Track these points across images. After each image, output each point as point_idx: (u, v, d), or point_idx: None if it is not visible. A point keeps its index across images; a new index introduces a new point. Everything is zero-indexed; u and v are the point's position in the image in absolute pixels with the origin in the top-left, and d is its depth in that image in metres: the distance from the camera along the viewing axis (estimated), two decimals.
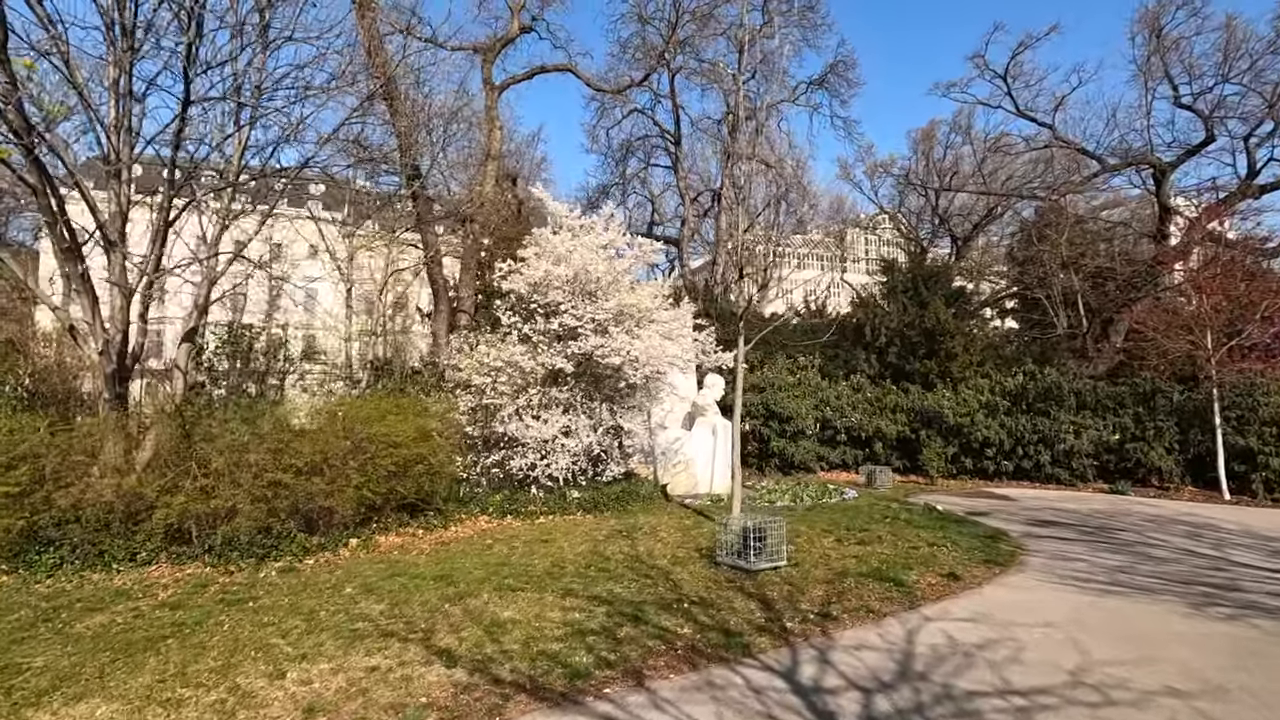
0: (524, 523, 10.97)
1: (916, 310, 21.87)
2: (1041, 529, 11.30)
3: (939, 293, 22.39)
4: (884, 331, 22.45)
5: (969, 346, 20.71)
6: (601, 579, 7.35)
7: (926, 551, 9.09)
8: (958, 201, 35.73)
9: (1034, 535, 10.71)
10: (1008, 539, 10.25)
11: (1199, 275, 16.58)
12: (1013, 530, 11.08)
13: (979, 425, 18.65)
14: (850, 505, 13.14)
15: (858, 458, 20.02)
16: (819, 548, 9.14)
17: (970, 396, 19.31)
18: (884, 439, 19.75)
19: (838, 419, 19.79)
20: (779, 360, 20.46)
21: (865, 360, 22.66)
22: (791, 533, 9.93)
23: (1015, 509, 13.60)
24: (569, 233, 11.63)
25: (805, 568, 8.07)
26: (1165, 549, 9.80)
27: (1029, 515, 12.78)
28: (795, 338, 23.95)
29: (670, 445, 15.46)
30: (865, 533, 10.14)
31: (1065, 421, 18.09)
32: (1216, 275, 16.70)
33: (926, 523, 11.32)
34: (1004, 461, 18.66)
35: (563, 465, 11.91)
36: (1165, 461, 17.27)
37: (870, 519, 11.48)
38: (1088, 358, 22.14)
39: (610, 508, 12.22)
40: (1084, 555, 9.26)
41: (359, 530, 9.06)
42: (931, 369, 20.84)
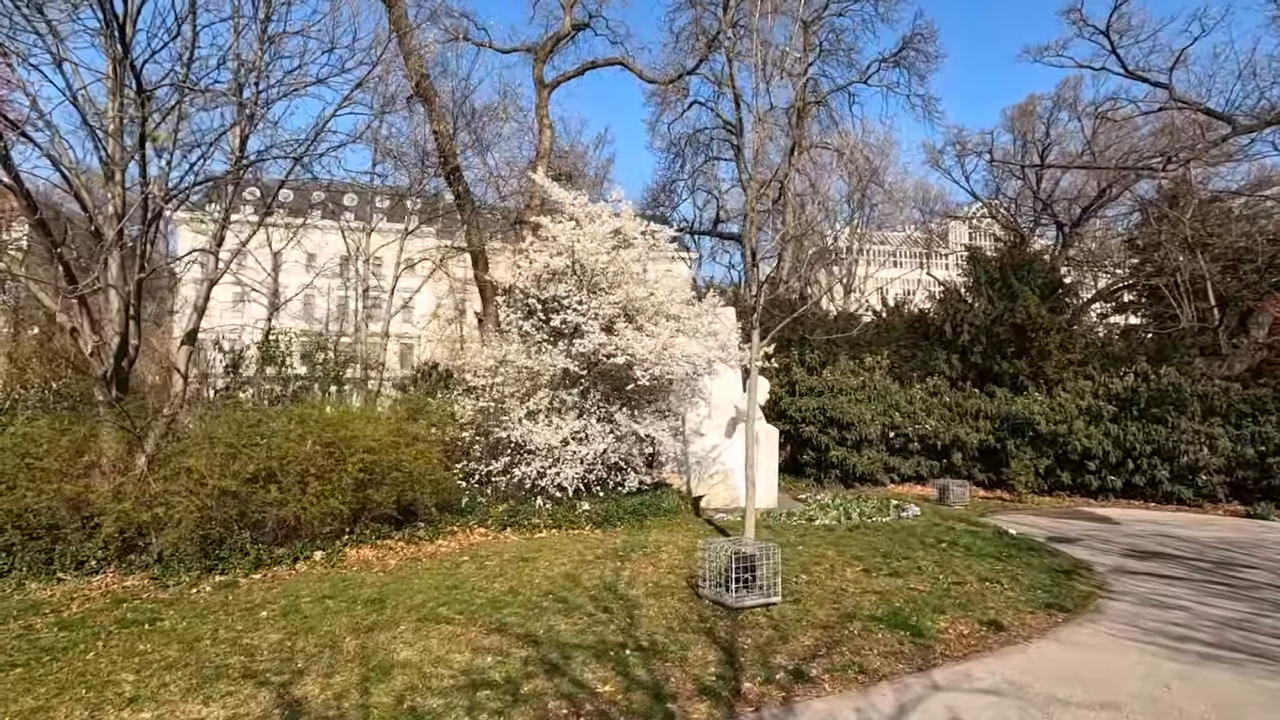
0: (521, 537, 10.08)
1: (1004, 304, 19.36)
2: (1138, 562, 9.18)
3: (1033, 283, 19.74)
4: (967, 328, 20.04)
5: (1067, 344, 18.00)
6: (551, 611, 6.28)
7: (973, 589, 7.40)
8: (1064, 184, 32.06)
9: (1125, 571, 8.66)
10: (1087, 575, 8.30)
11: None
12: (1100, 563, 9.06)
13: (1077, 434, 16.09)
14: (904, 526, 11.38)
15: (933, 469, 17.86)
16: (837, 580, 7.65)
17: (1068, 401, 16.73)
18: (964, 449, 17.50)
19: (909, 426, 17.73)
20: (841, 362, 18.60)
21: (945, 361, 20.31)
22: (813, 558, 8.49)
23: (1112, 535, 11.35)
24: (573, 221, 10.68)
25: (806, 605, 6.65)
26: None
27: (1128, 544, 10.56)
28: (867, 337, 21.92)
29: (707, 454, 14.15)
30: (905, 561, 8.51)
31: (1187, 430, 15.25)
32: None
33: (989, 550, 9.48)
34: (1110, 476, 16.00)
35: (570, 475, 10.93)
36: None
37: (919, 544, 9.76)
38: (1220, 355, 18.79)
39: (625, 522, 11.13)
40: (1187, 600, 7.25)
41: (329, 542, 8.45)
42: (1021, 370, 18.30)
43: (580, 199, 10.77)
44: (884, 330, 22.92)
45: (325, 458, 8.10)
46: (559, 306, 10.56)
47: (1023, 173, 29.75)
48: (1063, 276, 21.78)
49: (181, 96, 10.05)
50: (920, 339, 22.31)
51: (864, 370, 18.50)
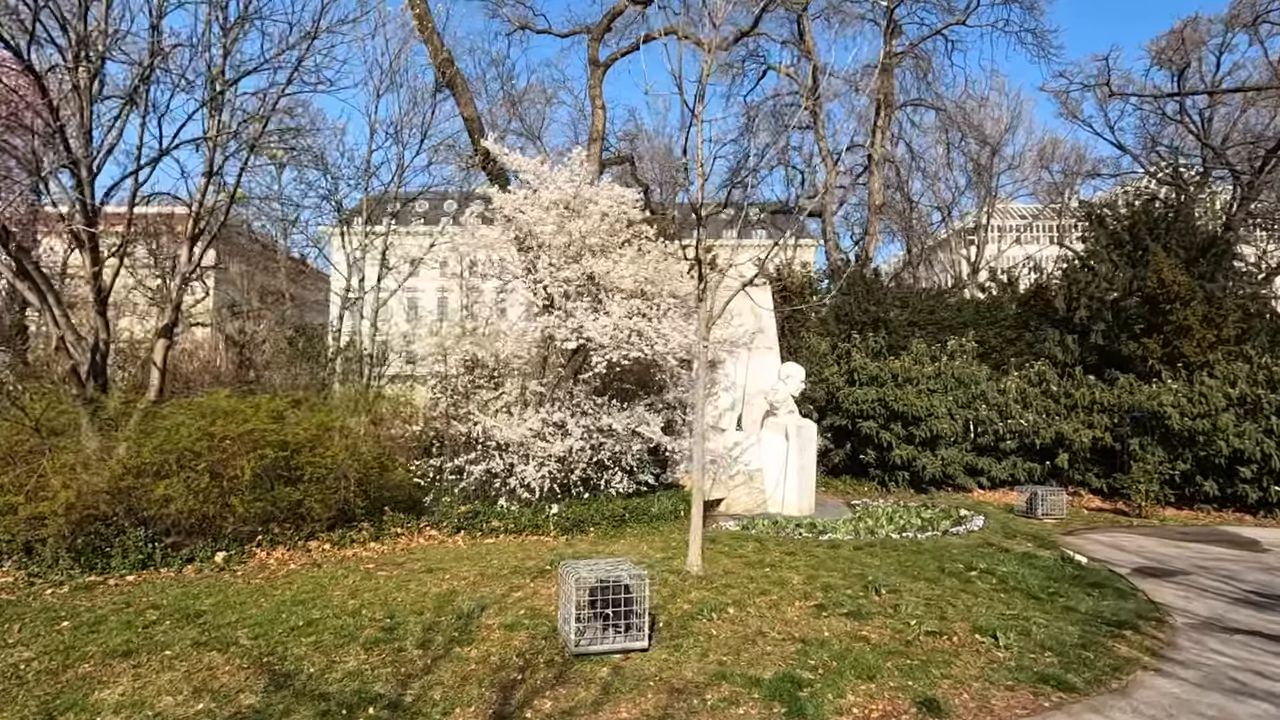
0: (470, 542, 9.10)
1: (1133, 271, 15.68)
2: (1251, 613, 6.48)
3: (1175, 244, 15.81)
4: (1085, 302, 16.48)
5: (1214, 318, 14.10)
6: (358, 643, 5.17)
7: (950, 645, 5.37)
8: (1242, 126, 26.15)
9: (1219, 626, 6.08)
10: (1150, 630, 5.86)
11: None
12: (1187, 612, 6.49)
13: (1225, 431, 12.53)
14: (940, 545, 9.13)
15: (1032, 473, 14.86)
16: (767, 620, 5.89)
17: (1213, 389, 13.08)
18: (1070, 449, 14.33)
19: (1000, 421, 14.84)
20: (915, 346, 15.93)
21: (1058, 343, 16.88)
22: (764, 588, 6.78)
23: (1242, 569, 8.38)
24: (527, 190, 9.48)
25: (681, 655, 5.04)
26: None
27: (1255, 584, 7.66)
28: (964, 318, 18.84)
29: (727, 452, 12.42)
30: (887, 597, 6.52)
31: None
32: None
33: (1030, 585, 7.17)
34: (1275, 487, 12.31)
35: (534, 473, 9.78)
36: None
37: (938, 571, 7.62)
38: None
39: (599, 528, 9.83)
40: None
41: (241, 543, 7.92)
42: (1152, 351, 14.65)
43: (538, 164, 9.54)
44: (988, 309, 19.67)
45: (218, 452, 7.54)
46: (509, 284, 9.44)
47: (1180, 111, 24.44)
48: (1229, 236, 17.33)
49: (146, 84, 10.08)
50: (1032, 318, 18.89)
51: (943, 354, 15.71)
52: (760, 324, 13.61)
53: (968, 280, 26.73)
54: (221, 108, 10.57)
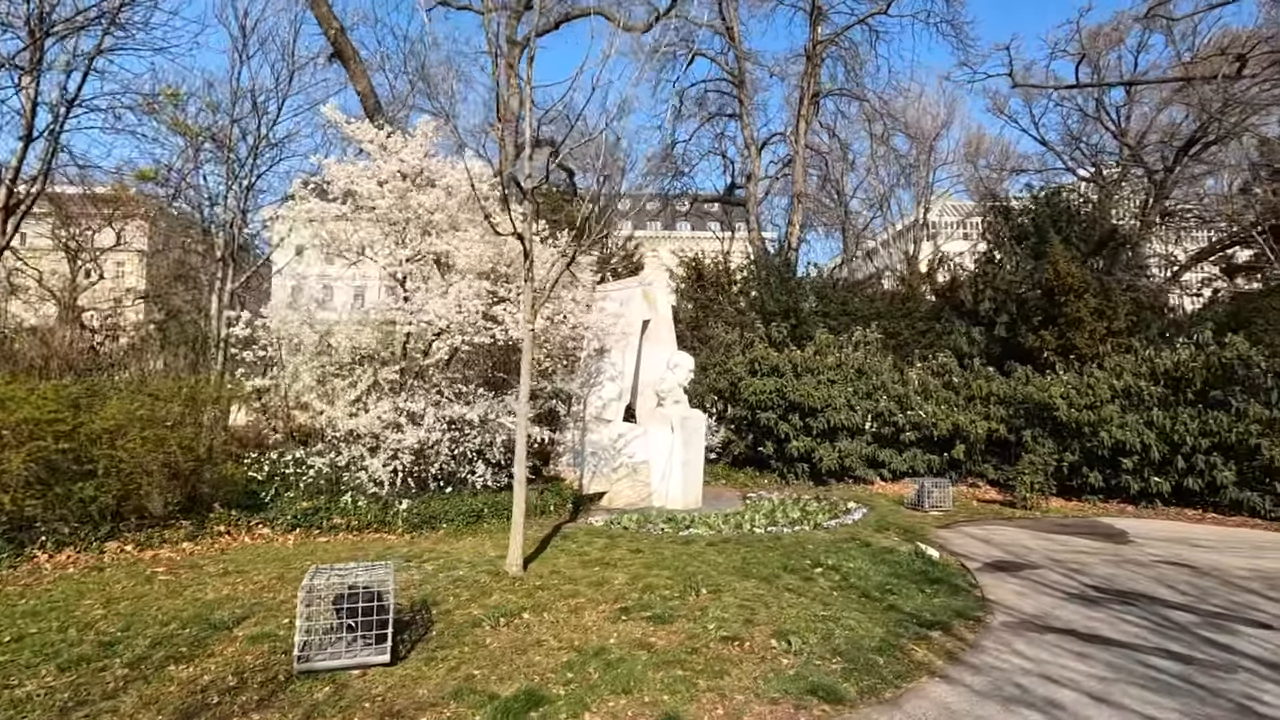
0: (304, 541, 8.41)
1: (1033, 263, 15.69)
2: (1081, 610, 6.24)
3: (1076, 237, 15.88)
4: (989, 294, 16.48)
5: (1105, 310, 14.17)
6: (31, 668, 4.51)
7: (737, 651, 4.96)
8: (1161, 124, 26.73)
9: (1040, 626, 5.81)
10: (962, 631, 5.55)
11: None
12: (1016, 610, 6.23)
13: (1109, 423, 12.55)
14: (797, 539, 8.78)
15: (932, 465, 14.73)
16: (558, 625, 5.40)
17: (1099, 381, 13.11)
18: (967, 440, 14.25)
19: (901, 413, 14.69)
20: (819, 336, 15.68)
21: (964, 335, 16.87)
22: (579, 589, 6.29)
23: (1095, 562, 8.23)
24: (368, 161, 8.77)
25: (429, 669, 4.51)
26: None
27: (1102, 578, 7.49)
28: (876, 309, 18.73)
29: (611, 444, 11.93)
30: (703, 597, 6.11)
31: (1261, 419, 11.43)
32: None
33: (869, 582, 6.86)
34: (1154, 478, 12.38)
35: (380, 466, 9.13)
36: None
37: (781, 568, 7.25)
38: None
39: (454, 524, 9.22)
40: (1085, 690, 4.47)
41: (16, 546, 7.09)
42: (1048, 343, 14.68)
43: (383, 135, 8.82)
44: (902, 301, 19.62)
45: None
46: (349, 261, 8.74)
47: (1099, 109, 24.83)
48: (1126, 231, 17.53)
49: None
50: (944, 310, 18.89)
51: (847, 345, 15.50)
52: (655, 312, 13.17)
53: (886, 271, 26.75)
54: (40, 66, 9.59)
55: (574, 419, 12.41)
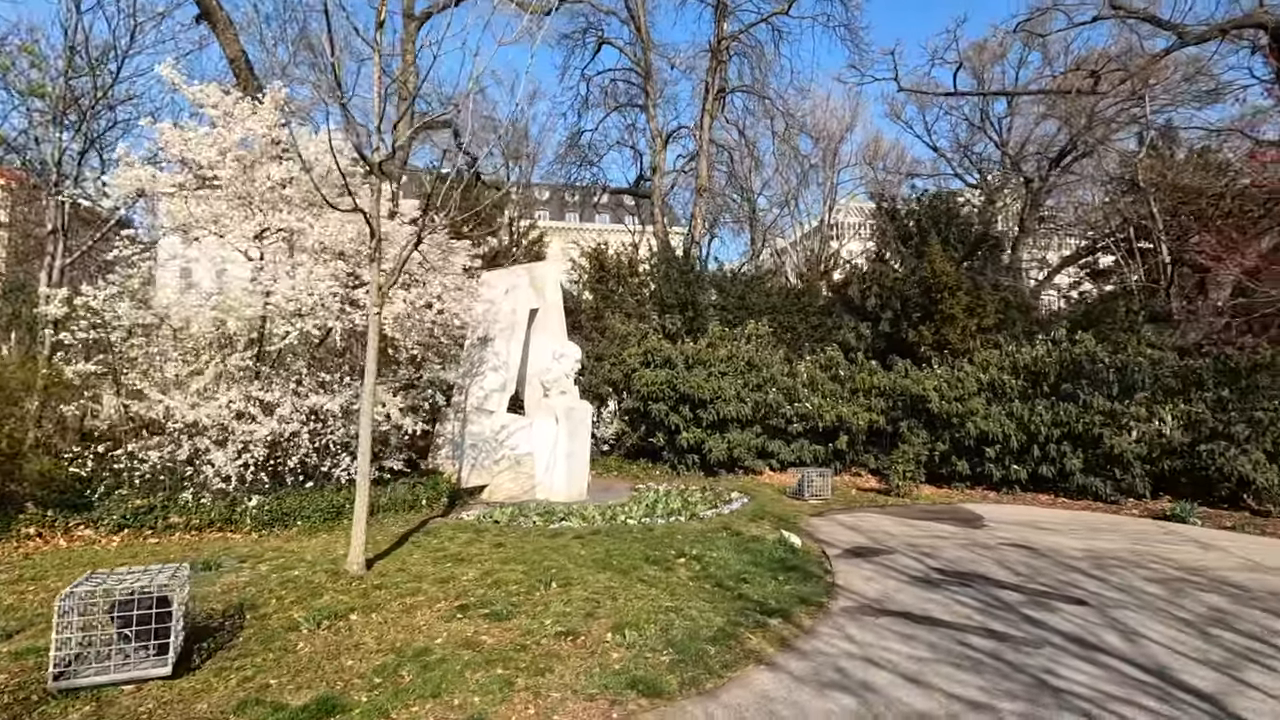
0: (132, 543, 7.67)
1: (915, 262, 16.42)
2: (921, 593, 6.47)
3: (952, 238, 16.72)
4: (875, 290, 17.12)
5: (975, 307, 15.01)
6: None
7: (567, 648, 4.81)
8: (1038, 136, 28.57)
9: (877, 609, 5.97)
10: (801, 617, 5.62)
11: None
12: (859, 594, 6.39)
13: (975, 415, 13.26)
14: (671, 530, 8.76)
15: (817, 455, 15.12)
16: (386, 626, 5.09)
17: (968, 375, 13.85)
18: (850, 431, 14.72)
19: (789, 405, 15.00)
20: (712, 329, 15.83)
21: (852, 329, 17.46)
22: (431, 583, 5.99)
23: (947, 546, 8.60)
24: (210, 128, 8.06)
25: (218, 680, 4.11)
26: (1112, 666, 4.87)
27: (949, 560, 7.83)
28: (772, 303, 19.11)
29: (493, 436, 11.58)
30: (558, 591, 5.94)
31: (1103, 410, 12.35)
32: None
33: (728, 571, 6.88)
34: (1014, 466, 13.17)
35: (223, 461, 8.44)
36: (1264, 473, 11.22)
37: (643, 559, 7.17)
38: (1172, 322, 15.71)
39: (309, 521, 8.65)
40: (900, 672, 4.58)
41: None
42: (925, 338, 15.40)
43: (229, 100, 8.09)
44: (798, 296, 20.09)
45: None
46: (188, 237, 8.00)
47: (983, 119, 26.33)
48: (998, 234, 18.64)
49: None
50: (837, 306, 19.49)
51: (739, 338, 15.71)
52: (544, 301, 12.87)
53: (786, 268, 27.48)
54: None
55: (455, 410, 11.98)
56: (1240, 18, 12.95)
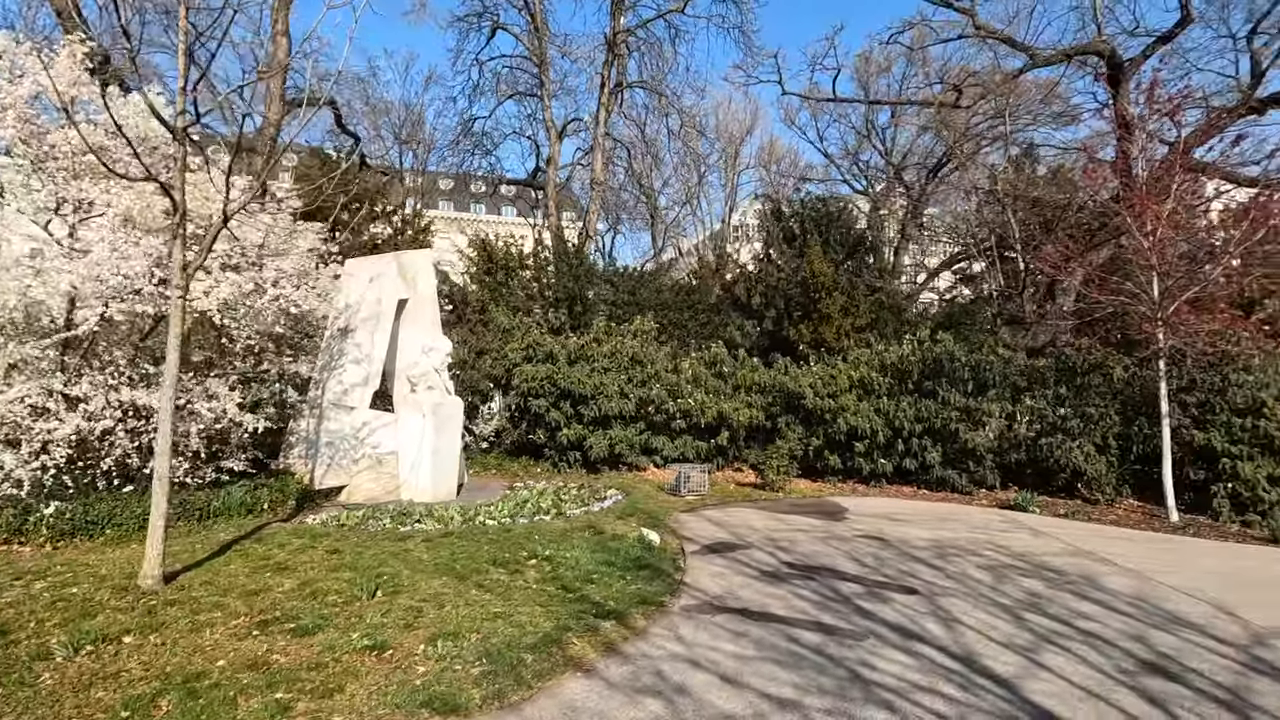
0: None
1: (798, 262, 16.87)
2: (758, 588, 6.49)
3: (832, 240, 17.31)
4: (760, 289, 17.47)
5: (850, 307, 15.61)
6: None
7: (371, 663, 4.43)
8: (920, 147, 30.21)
9: (713, 607, 5.92)
10: (636, 618, 5.48)
11: (1137, 192, 11.37)
12: (704, 592, 6.33)
13: (847, 411, 13.72)
14: (531, 530, 8.46)
15: (700, 451, 15.20)
16: (164, 647, 4.52)
17: (841, 372, 14.33)
18: (732, 427, 14.91)
19: (672, 401, 15.00)
20: (597, 324, 15.65)
21: (738, 327, 17.74)
22: (237, 596, 5.39)
23: (804, 539, 8.76)
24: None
25: None
26: (926, 656, 4.99)
27: (801, 555, 7.95)
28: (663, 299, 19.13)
29: (354, 433, 10.87)
30: (383, 600, 5.51)
31: (959, 406, 13.06)
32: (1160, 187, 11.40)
33: (576, 572, 6.65)
34: (881, 460, 13.72)
35: (17, 463, 7.41)
36: (1094, 464, 12.19)
37: (484, 564, 6.81)
38: (1026, 325, 16.93)
39: (124, 529, 7.72)
40: (726, 663, 4.50)
41: None
42: (803, 336, 15.85)
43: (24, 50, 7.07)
44: (688, 293, 20.20)
45: None
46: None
47: (868, 130, 27.59)
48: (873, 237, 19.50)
49: None
50: (726, 303, 19.74)
51: (625, 334, 15.58)
52: (415, 292, 12.21)
53: (678, 264, 27.76)
54: None
55: (310, 406, 11.16)
56: (1082, 45, 14.16)
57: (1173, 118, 12.10)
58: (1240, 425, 11.09)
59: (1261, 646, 5.30)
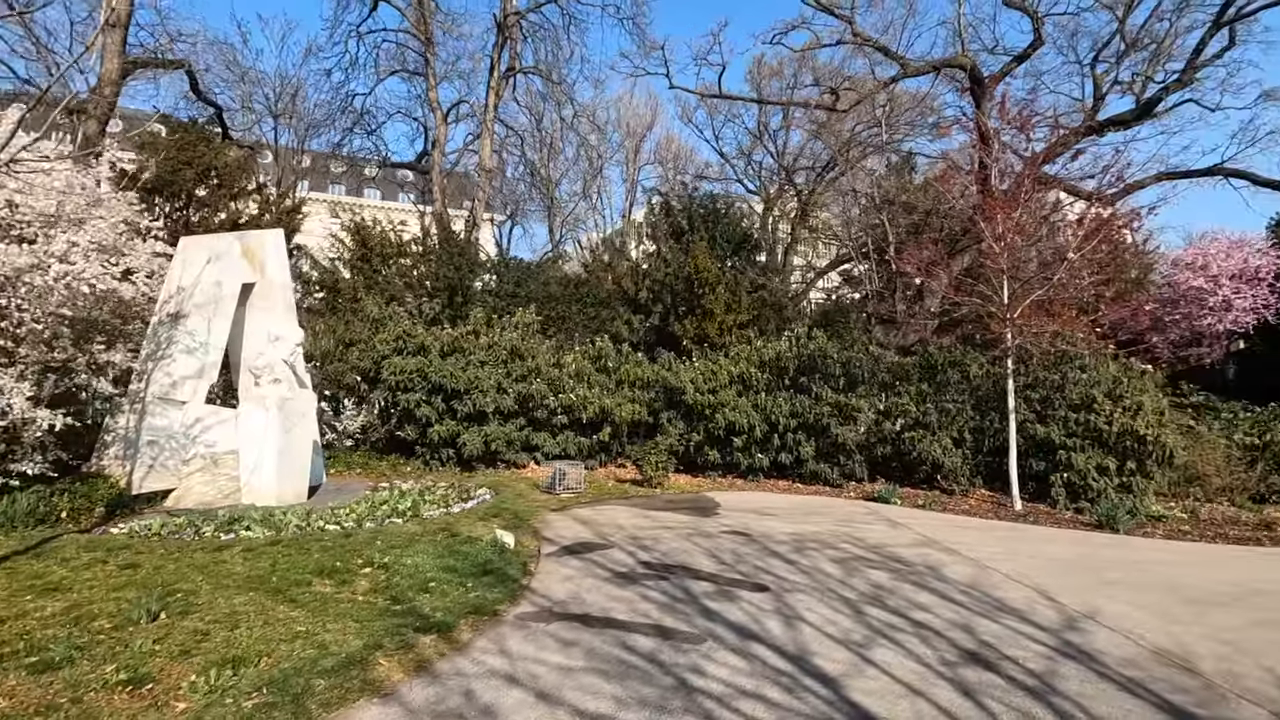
0: None
1: (684, 257, 16.87)
2: (606, 591, 6.24)
3: (719, 236, 17.44)
4: (647, 284, 17.36)
5: (733, 304, 15.78)
6: None
7: (114, 704, 3.77)
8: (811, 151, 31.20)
9: (552, 614, 5.60)
10: (462, 630, 5.07)
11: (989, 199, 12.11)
12: (546, 596, 5.99)
13: (726, 406, 13.78)
14: (376, 534, 7.84)
15: (582, 447, 14.87)
16: None
17: (721, 368, 14.41)
18: (615, 423, 14.66)
19: (554, 397, 14.58)
20: (474, 315, 14.99)
21: (625, 321, 17.54)
22: None
23: (665, 539, 8.60)
24: None
25: None
26: (759, 657, 4.86)
27: (656, 555, 7.77)
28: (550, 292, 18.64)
29: (184, 431, 9.74)
30: (165, 623, 4.79)
31: (831, 402, 13.41)
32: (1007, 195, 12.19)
33: (414, 581, 6.13)
34: (758, 454, 13.88)
35: None
36: (951, 457, 12.83)
37: (310, 575, 6.15)
38: (897, 325, 17.73)
39: None
40: (548, 676, 4.16)
41: None
42: (687, 331, 15.86)
43: None
44: (576, 286, 19.81)
45: None
46: None
47: (760, 132, 28.19)
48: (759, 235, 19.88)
49: None
50: (616, 297, 19.49)
51: (506, 326, 15.00)
52: (263, 276, 11.13)
53: (567, 255, 27.41)
54: None
55: (131, 400, 9.92)
56: (948, 58, 14.99)
57: (1023, 130, 12.89)
58: (1075, 420, 11.96)
59: (1071, 630, 5.56)
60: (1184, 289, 21.18)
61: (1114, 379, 12.21)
